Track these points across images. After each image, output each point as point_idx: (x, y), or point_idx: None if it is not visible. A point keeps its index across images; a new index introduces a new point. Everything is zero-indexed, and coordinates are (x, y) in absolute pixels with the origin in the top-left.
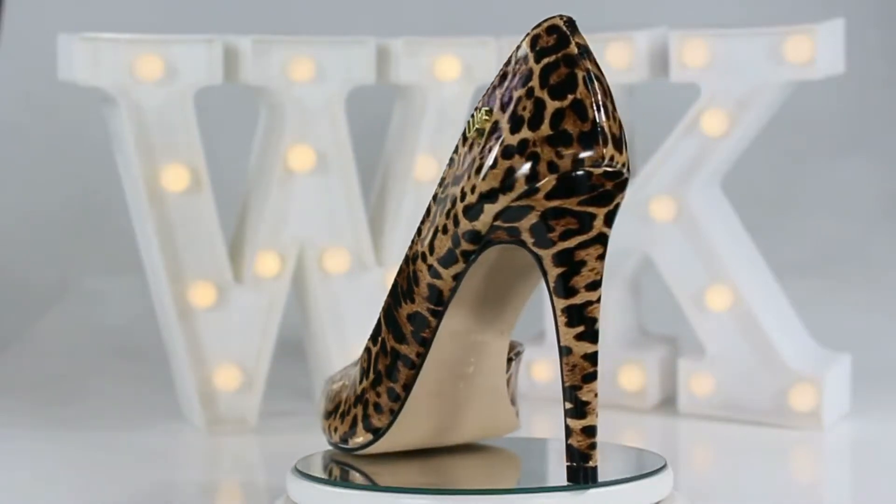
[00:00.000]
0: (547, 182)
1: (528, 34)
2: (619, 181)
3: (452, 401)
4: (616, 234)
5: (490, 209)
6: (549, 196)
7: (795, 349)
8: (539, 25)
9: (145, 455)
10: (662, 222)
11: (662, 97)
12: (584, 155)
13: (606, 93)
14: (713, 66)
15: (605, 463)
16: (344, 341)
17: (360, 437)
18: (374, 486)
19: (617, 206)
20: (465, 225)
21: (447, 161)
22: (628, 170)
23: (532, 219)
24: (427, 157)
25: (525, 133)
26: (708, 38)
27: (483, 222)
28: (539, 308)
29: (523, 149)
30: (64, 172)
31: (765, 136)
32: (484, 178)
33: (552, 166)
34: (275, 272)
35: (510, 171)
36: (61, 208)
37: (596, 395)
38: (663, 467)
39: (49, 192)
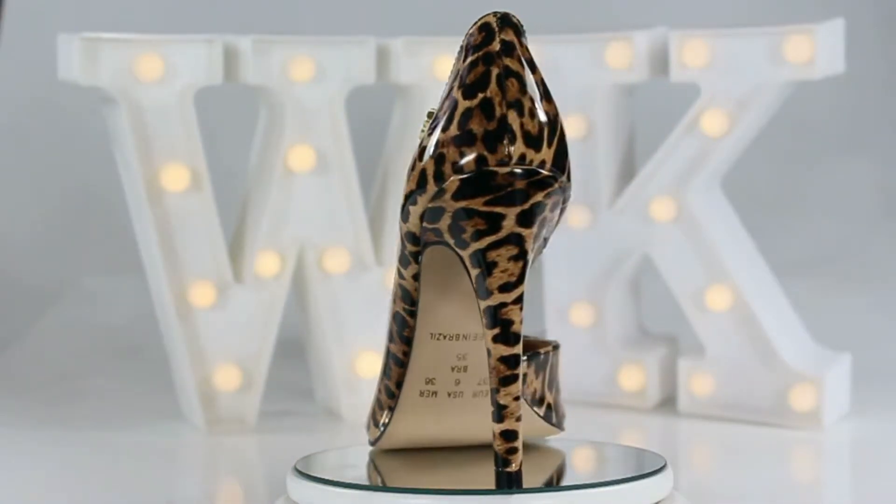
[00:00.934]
0: (451, 183)
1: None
2: (533, 180)
3: (456, 400)
4: (616, 234)
5: (414, 211)
6: (456, 197)
7: (795, 349)
8: (475, 23)
9: (145, 455)
10: (662, 222)
11: (662, 97)
12: (487, 154)
13: (527, 90)
14: (713, 66)
15: (605, 463)
16: (344, 341)
17: (374, 431)
18: (373, 486)
19: (536, 205)
20: (402, 227)
21: None
22: (557, 167)
23: (447, 220)
24: None
25: (437, 134)
26: (708, 38)
27: (413, 224)
28: (539, 308)
29: (435, 150)
30: (64, 172)
31: (765, 136)
32: (407, 181)
33: (456, 167)
34: (275, 272)
35: (423, 173)
36: (61, 208)
37: (516, 399)
38: (663, 467)
39: (49, 192)
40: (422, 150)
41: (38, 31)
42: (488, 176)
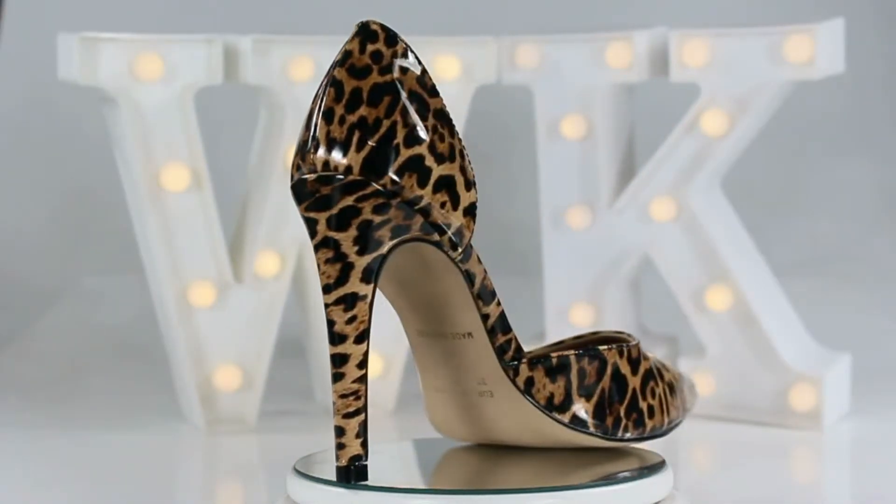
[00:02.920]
0: (289, 191)
1: None
2: (339, 185)
3: (467, 398)
4: (616, 234)
5: None
6: (296, 205)
7: (795, 349)
8: None
9: (145, 455)
10: (662, 222)
11: (662, 97)
12: (301, 163)
13: (342, 97)
14: (713, 66)
15: (605, 463)
16: None
17: None
18: (373, 486)
19: (346, 209)
20: None
21: None
22: (370, 171)
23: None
24: None
25: None
26: (708, 38)
27: None
28: (539, 308)
29: None
30: (63, 172)
31: (765, 136)
32: None
33: (291, 177)
34: (275, 272)
35: None
36: (61, 208)
37: (342, 397)
38: (663, 467)
39: (49, 192)
40: None
41: (38, 31)
42: (301, 184)
